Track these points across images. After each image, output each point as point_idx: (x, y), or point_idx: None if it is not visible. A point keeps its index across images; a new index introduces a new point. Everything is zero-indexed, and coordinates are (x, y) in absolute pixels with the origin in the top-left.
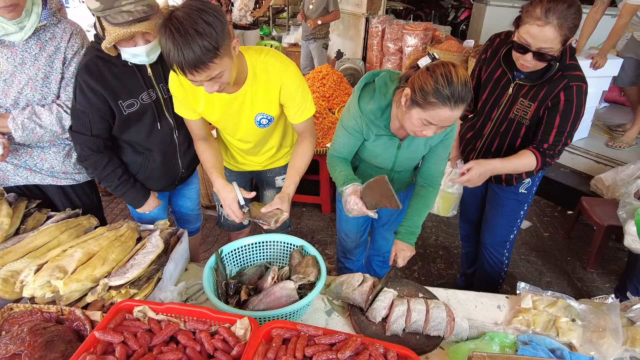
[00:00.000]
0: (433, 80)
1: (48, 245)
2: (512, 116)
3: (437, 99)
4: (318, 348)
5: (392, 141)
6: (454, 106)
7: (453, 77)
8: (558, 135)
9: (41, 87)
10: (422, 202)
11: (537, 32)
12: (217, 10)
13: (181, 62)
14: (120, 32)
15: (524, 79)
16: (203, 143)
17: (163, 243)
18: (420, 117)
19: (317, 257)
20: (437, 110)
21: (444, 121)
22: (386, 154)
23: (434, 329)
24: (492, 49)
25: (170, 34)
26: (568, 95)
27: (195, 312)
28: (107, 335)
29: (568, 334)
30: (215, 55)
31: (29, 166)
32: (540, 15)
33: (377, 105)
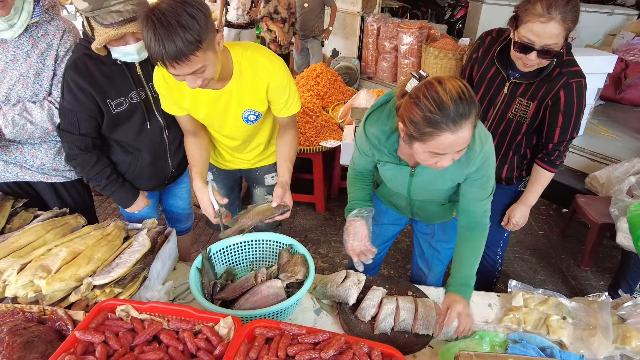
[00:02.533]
0: (419, 108)
1: (33, 244)
2: (511, 116)
3: (432, 127)
4: (301, 347)
5: (401, 169)
6: (454, 128)
7: (441, 96)
8: (563, 133)
9: (32, 83)
10: (470, 248)
11: (541, 30)
12: (201, 4)
13: (162, 54)
14: (111, 33)
15: (519, 78)
16: (192, 138)
17: (150, 242)
18: (425, 151)
19: (306, 255)
20: (437, 138)
21: (451, 147)
22: (397, 181)
23: (423, 328)
24: (483, 47)
25: (152, 25)
26: (568, 93)
27: (178, 311)
28: (87, 335)
29: (559, 332)
30: (197, 48)
31: (20, 163)
32: (543, 12)
33: (380, 130)
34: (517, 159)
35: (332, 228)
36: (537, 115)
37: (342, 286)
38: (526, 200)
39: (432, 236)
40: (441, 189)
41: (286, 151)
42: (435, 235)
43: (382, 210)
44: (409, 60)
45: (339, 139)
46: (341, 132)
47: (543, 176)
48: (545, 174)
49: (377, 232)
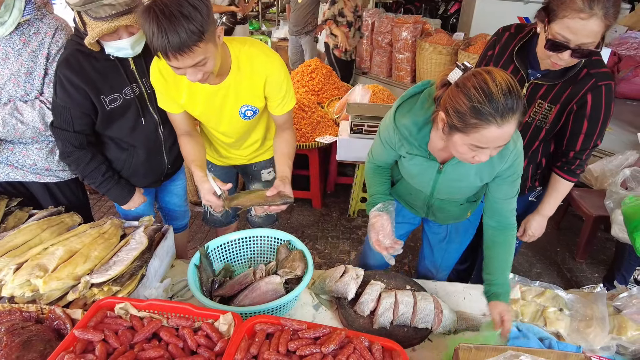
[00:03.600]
0: (466, 97)
1: (29, 243)
2: (529, 120)
3: (478, 119)
4: (302, 342)
5: (429, 163)
6: (501, 121)
7: (490, 88)
8: (586, 140)
9: (24, 82)
10: (504, 251)
11: (580, 27)
12: None
13: (165, 45)
14: (104, 27)
15: (541, 78)
16: (186, 137)
17: (147, 239)
18: (465, 143)
19: (304, 251)
20: (482, 131)
21: (494, 141)
22: (424, 177)
23: (422, 321)
24: (500, 44)
25: (155, 16)
26: (596, 97)
27: (178, 308)
28: (86, 334)
29: (556, 323)
30: (200, 39)
31: (11, 162)
32: (583, 6)
33: (412, 121)
34: (532, 168)
35: (328, 224)
36: (559, 121)
37: (341, 281)
38: (543, 210)
39: (444, 237)
40: (467, 187)
41: (285, 148)
42: (448, 236)
43: (397, 209)
44: (404, 55)
45: (335, 135)
46: (337, 128)
47: (562, 186)
48: (564, 183)
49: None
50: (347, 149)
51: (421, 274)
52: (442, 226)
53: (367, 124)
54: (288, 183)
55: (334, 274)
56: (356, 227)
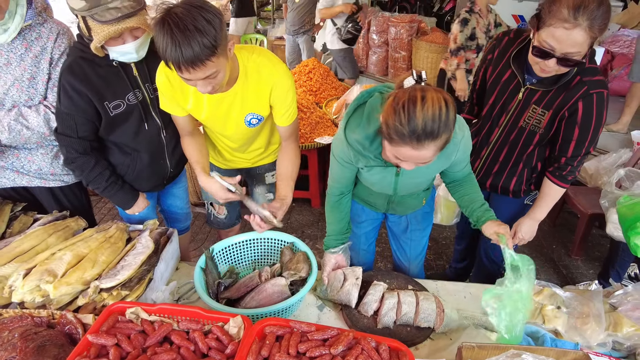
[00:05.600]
0: (394, 113)
1: (36, 248)
2: (523, 124)
3: (397, 137)
4: (311, 344)
5: (387, 170)
6: (417, 145)
7: (416, 111)
8: (577, 147)
9: (27, 87)
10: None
11: (564, 36)
12: (216, 9)
13: (178, 58)
14: (111, 30)
15: (536, 84)
16: (189, 138)
17: (153, 243)
18: (390, 151)
19: (308, 253)
20: (400, 148)
21: (412, 159)
22: (384, 183)
23: (424, 321)
24: (499, 48)
25: (169, 29)
26: (587, 105)
27: (188, 312)
28: (100, 338)
29: (554, 321)
30: (213, 53)
31: (16, 168)
32: (568, 16)
33: (363, 135)
34: (527, 172)
35: None
36: (552, 126)
37: (342, 290)
38: (534, 214)
39: (406, 227)
40: (426, 181)
41: (289, 168)
42: (409, 225)
43: (358, 209)
44: (400, 54)
45: (333, 135)
46: (335, 128)
47: (553, 191)
48: (555, 189)
49: (358, 233)
50: None
51: (397, 270)
52: (403, 217)
53: None
54: (285, 206)
55: (334, 283)
56: None
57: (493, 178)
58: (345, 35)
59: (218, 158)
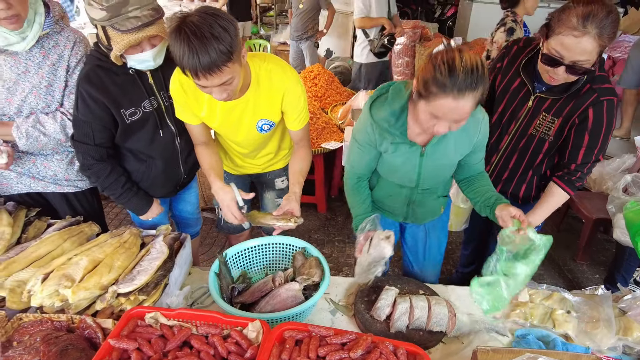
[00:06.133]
0: (433, 67)
1: (52, 253)
2: (533, 132)
3: (438, 88)
4: (330, 348)
5: (412, 149)
6: (457, 94)
7: (455, 63)
8: (587, 154)
9: (45, 95)
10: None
11: (573, 44)
12: (230, 17)
13: (196, 65)
14: (131, 39)
15: (546, 92)
16: (203, 147)
17: (168, 248)
18: (425, 111)
19: (320, 258)
20: (439, 100)
21: (450, 114)
22: (408, 165)
23: (437, 325)
24: (509, 57)
25: (186, 37)
26: (597, 112)
27: (206, 316)
28: (121, 342)
29: (564, 325)
30: (229, 59)
31: (32, 174)
32: (577, 24)
33: (389, 111)
34: (537, 179)
35: (334, 228)
36: (562, 134)
37: (373, 247)
38: (535, 216)
39: (424, 237)
40: (449, 166)
41: (298, 165)
42: (427, 234)
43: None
44: (403, 59)
45: (340, 140)
46: (341, 134)
47: (558, 195)
48: (561, 193)
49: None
50: None
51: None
52: (420, 226)
53: None
54: (294, 200)
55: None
56: None
57: (503, 185)
58: (379, 48)
59: (229, 164)
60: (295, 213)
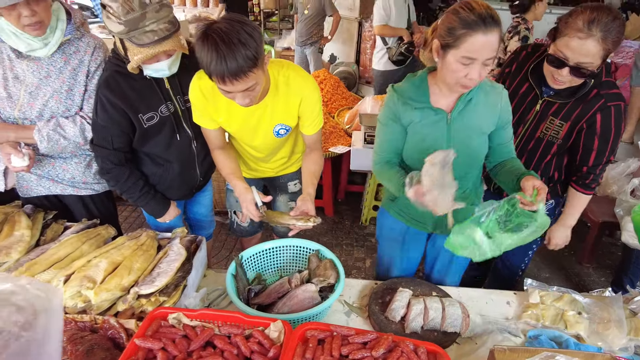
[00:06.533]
0: (455, 14)
1: (71, 255)
2: (541, 135)
3: (466, 28)
4: (353, 347)
5: (439, 116)
6: (486, 28)
7: (473, 5)
8: (598, 157)
9: (65, 99)
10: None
11: (577, 45)
12: (254, 24)
13: (223, 70)
14: (148, 53)
15: (553, 96)
16: (220, 151)
17: (185, 251)
18: (457, 59)
19: (334, 260)
20: (470, 39)
21: (482, 50)
22: (436, 133)
23: (451, 326)
24: (517, 62)
25: (214, 43)
26: (605, 117)
27: (228, 317)
28: (147, 342)
29: (576, 326)
30: (255, 65)
31: (52, 177)
32: (583, 27)
33: (409, 83)
34: (545, 181)
35: (341, 232)
36: (570, 137)
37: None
38: (565, 221)
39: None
40: (478, 135)
41: (312, 167)
42: None
43: (402, 229)
44: None
45: (347, 145)
46: (348, 138)
47: (580, 199)
48: (581, 197)
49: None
50: (361, 159)
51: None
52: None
53: None
54: (309, 200)
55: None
56: (369, 235)
57: None
58: (397, 56)
59: (243, 167)
60: (310, 213)
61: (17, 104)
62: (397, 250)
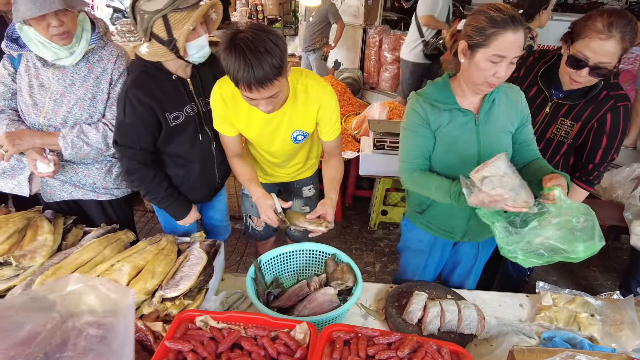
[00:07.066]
0: (483, 15)
1: (94, 260)
2: (551, 135)
3: (497, 27)
4: (378, 347)
5: (467, 117)
6: (514, 27)
7: (500, 6)
8: (605, 154)
9: (89, 106)
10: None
11: (598, 46)
12: (278, 32)
13: (250, 78)
14: (197, 12)
15: (563, 98)
16: (237, 158)
17: (206, 255)
18: (486, 57)
19: (351, 264)
20: (500, 37)
21: (510, 48)
22: (466, 134)
23: (467, 328)
24: (525, 67)
25: (242, 51)
26: (615, 116)
27: (255, 319)
28: (177, 344)
29: (589, 328)
30: (280, 73)
31: (74, 182)
32: (603, 28)
33: (432, 87)
34: None
35: (350, 236)
36: (580, 136)
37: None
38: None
39: (477, 253)
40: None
41: (333, 173)
42: (479, 254)
43: (430, 240)
44: None
45: (355, 150)
46: (356, 144)
47: (582, 195)
48: (583, 193)
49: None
50: (370, 164)
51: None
52: (475, 244)
53: (389, 140)
54: (329, 205)
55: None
56: (378, 239)
57: None
58: (432, 50)
59: (259, 172)
60: (327, 217)
61: (42, 111)
62: (423, 260)
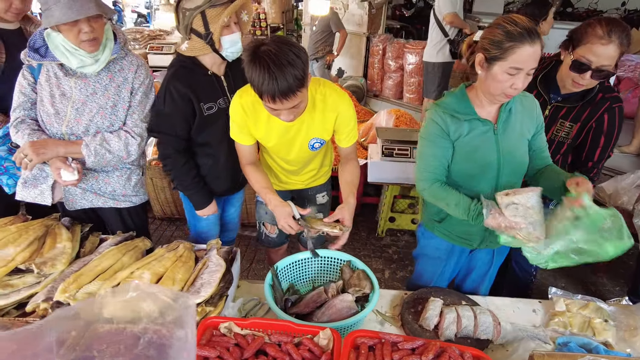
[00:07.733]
0: (501, 29)
1: (114, 267)
2: (552, 136)
3: (513, 41)
4: (403, 353)
5: (486, 127)
6: (532, 40)
7: (517, 20)
8: (602, 152)
9: (110, 115)
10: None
11: (601, 51)
12: (299, 45)
13: (274, 90)
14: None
15: (561, 101)
16: (252, 167)
17: (224, 262)
18: (504, 70)
19: (367, 270)
20: (518, 50)
21: (527, 61)
22: (486, 143)
23: (483, 333)
24: None
25: (266, 64)
26: (611, 116)
27: (278, 325)
28: (203, 351)
29: (604, 333)
30: (302, 84)
31: (95, 190)
32: (604, 34)
33: (452, 97)
34: None
35: (358, 243)
36: (579, 136)
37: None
38: None
39: (491, 259)
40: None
41: (349, 177)
42: (494, 259)
43: (448, 248)
44: (415, 78)
45: (363, 157)
46: (364, 151)
47: None
48: None
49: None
50: (378, 171)
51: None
52: (490, 251)
53: (397, 148)
54: (346, 209)
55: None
56: (386, 246)
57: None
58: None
59: (273, 180)
60: (345, 222)
61: (65, 120)
62: (440, 267)
